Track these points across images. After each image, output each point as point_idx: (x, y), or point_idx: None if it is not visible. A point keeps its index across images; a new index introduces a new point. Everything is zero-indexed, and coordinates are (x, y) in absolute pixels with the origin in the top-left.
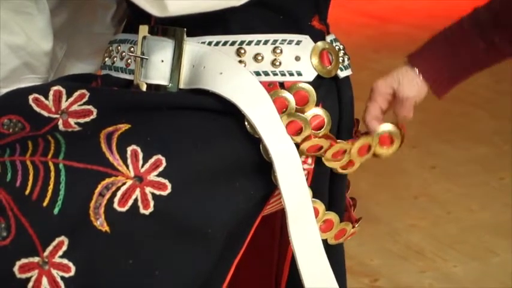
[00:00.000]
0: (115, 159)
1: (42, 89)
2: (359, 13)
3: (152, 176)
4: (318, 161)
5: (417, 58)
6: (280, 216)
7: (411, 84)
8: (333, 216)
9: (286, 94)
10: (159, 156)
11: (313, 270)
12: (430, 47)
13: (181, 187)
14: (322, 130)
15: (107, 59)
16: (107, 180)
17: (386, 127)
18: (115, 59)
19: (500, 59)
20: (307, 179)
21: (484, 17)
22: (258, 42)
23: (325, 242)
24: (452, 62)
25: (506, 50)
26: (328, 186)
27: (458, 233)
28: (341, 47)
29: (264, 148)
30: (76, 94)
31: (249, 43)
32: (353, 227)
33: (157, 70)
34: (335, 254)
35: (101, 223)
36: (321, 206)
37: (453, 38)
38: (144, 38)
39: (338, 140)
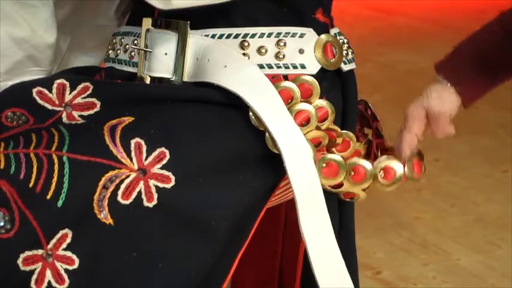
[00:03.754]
0: (119, 151)
1: (46, 82)
2: (363, 6)
3: (156, 169)
4: None
5: (444, 68)
6: (284, 207)
7: (441, 97)
8: (334, 157)
9: (291, 85)
10: (163, 149)
11: (326, 262)
12: (457, 54)
13: (185, 180)
14: (325, 122)
15: (110, 51)
16: (111, 173)
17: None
18: (118, 51)
19: None
20: None
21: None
22: (261, 35)
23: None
24: (482, 68)
25: None
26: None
27: (462, 226)
28: (345, 40)
29: (270, 139)
30: (80, 87)
31: (253, 36)
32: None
33: (161, 63)
34: (346, 248)
35: (104, 216)
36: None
37: (482, 42)
38: (148, 30)
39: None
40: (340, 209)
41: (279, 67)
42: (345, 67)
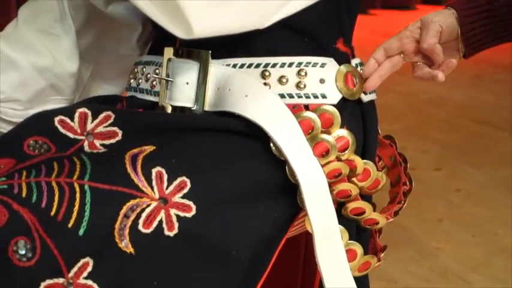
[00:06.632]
0: (140, 180)
1: (68, 111)
2: (384, 35)
3: (177, 198)
4: None
5: (456, 3)
6: (305, 237)
7: (438, 12)
8: (357, 247)
9: (311, 115)
10: (184, 178)
11: None
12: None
13: (205, 209)
14: (346, 152)
15: (132, 80)
16: (132, 202)
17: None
18: (140, 80)
19: None
20: None
21: None
22: (282, 65)
23: None
24: (490, 21)
25: None
26: None
27: (483, 257)
28: None
29: (290, 170)
30: (101, 116)
31: (274, 65)
32: (378, 259)
33: (183, 92)
34: (360, 279)
35: (125, 244)
36: (344, 233)
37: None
38: (169, 60)
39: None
40: (358, 237)
41: (299, 97)
42: (365, 97)
